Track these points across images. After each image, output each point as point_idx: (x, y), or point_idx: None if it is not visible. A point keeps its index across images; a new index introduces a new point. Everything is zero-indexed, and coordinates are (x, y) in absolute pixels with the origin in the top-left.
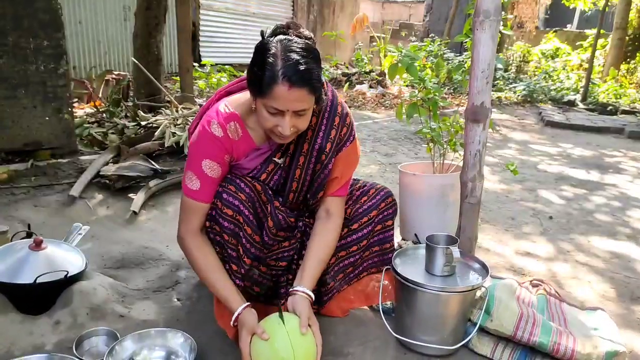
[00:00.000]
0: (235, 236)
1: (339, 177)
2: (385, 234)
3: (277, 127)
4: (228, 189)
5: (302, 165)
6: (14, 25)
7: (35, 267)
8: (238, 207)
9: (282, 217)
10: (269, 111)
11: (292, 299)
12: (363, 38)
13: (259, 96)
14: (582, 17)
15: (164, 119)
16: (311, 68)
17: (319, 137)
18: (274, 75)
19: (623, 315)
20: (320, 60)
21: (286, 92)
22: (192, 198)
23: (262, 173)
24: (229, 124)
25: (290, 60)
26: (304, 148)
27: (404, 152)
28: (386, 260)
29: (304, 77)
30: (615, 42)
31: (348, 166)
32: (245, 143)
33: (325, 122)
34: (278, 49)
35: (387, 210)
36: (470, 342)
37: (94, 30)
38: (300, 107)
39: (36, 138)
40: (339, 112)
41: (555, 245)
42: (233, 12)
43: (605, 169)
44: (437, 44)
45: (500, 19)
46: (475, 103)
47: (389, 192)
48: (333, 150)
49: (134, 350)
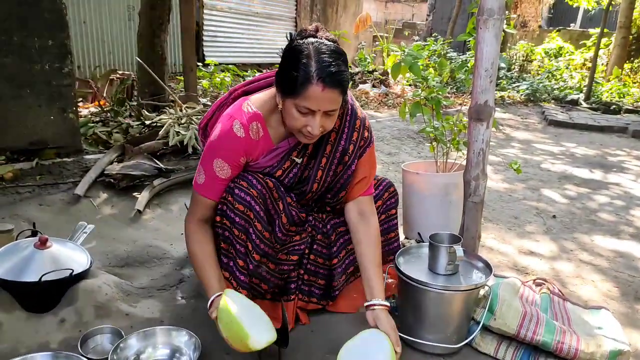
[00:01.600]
0: (245, 232)
1: (367, 176)
2: (390, 223)
3: (306, 127)
4: (240, 185)
5: (324, 167)
6: (19, 25)
7: (40, 266)
8: (249, 203)
9: (295, 212)
10: (300, 111)
11: (372, 314)
12: (366, 37)
13: (291, 96)
14: (585, 16)
15: (168, 118)
16: (342, 70)
17: (342, 139)
18: (308, 76)
19: (627, 314)
20: (347, 63)
21: (320, 92)
22: (196, 191)
23: (278, 169)
24: (252, 124)
25: (324, 62)
26: (327, 150)
27: (407, 151)
28: (391, 250)
29: (336, 78)
30: (619, 41)
31: (371, 166)
32: (264, 142)
33: (347, 125)
34: (311, 50)
35: (389, 200)
36: (473, 340)
37: (98, 30)
38: (331, 107)
39: (41, 137)
40: (359, 116)
41: (559, 244)
42: (236, 11)
43: (608, 168)
44: (440, 43)
45: (503, 18)
46: (479, 102)
47: (390, 182)
48: (355, 152)
49: (139, 348)
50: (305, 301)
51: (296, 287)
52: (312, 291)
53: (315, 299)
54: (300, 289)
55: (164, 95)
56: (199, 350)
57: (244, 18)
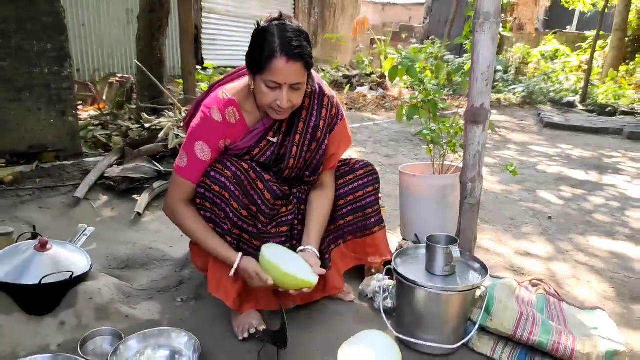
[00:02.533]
0: (222, 210)
1: (335, 153)
2: (367, 199)
3: (275, 101)
4: (215, 167)
5: (298, 143)
6: (17, 28)
7: (40, 268)
8: (224, 184)
9: (276, 187)
10: (268, 85)
11: (302, 254)
12: (364, 40)
13: (258, 72)
14: (581, 19)
15: (168, 121)
16: (305, 45)
17: (313, 115)
18: (273, 50)
19: (622, 315)
20: (310, 42)
21: (284, 65)
22: (178, 173)
23: (255, 148)
24: (228, 109)
25: (287, 38)
26: (299, 127)
27: (404, 154)
28: (370, 224)
29: (299, 52)
30: (615, 43)
31: (340, 142)
32: (241, 126)
33: (316, 102)
34: (274, 29)
35: (366, 177)
36: (470, 341)
37: (97, 33)
38: (296, 79)
39: (41, 140)
40: (326, 93)
41: (555, 245)
42: (235, 15)
43: (604, 170)
44: (437, 46)
45: (500, 21)
46: (475, 105)
47: (369, 162)
48: (326, 128)
49: (139, 349)
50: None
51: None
52: None
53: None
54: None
55: (163, 98)
56: (198, 352)
57: (243, 21)
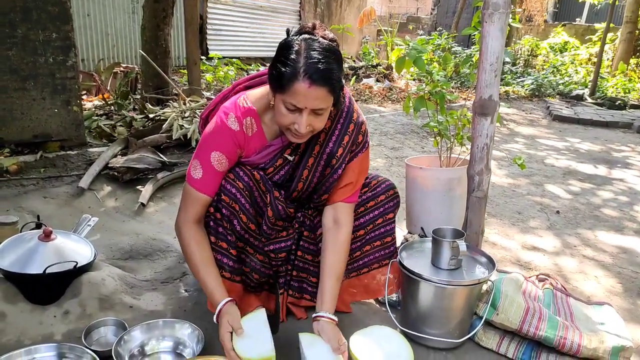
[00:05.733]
0: (229, 222)
1: (353, 182)
2: (386, 227)
3: (293, 124)
4: (227, 177)
5: (310, 167)
6: (23, 18)
7: (44, 258)
8: (235, 195)
9: (282, 207)
10: (288, 107)
11: (317, 325)
12: (370, 31)
13: (279, 92)
14: (591, 11)
15: (172, 112)
16: (332, 68)
17: (331, 141)
18: (295, 72)
19: (630, 310)
20: (342, 62)
21: (306, 89)
22: (193, 187)
23: (270, 167)
24: (246, 119)
25: (312, 59)
26: (315, 150)
27: (411, 146)
28: (387, 254)
29: (324, 76)
30: (625, 36)
31: (360, 173)
32: (257, 139)
33: (339, 127)
34: (301, 47)
35: (388, 203)
36: (476, 335)
37: (102, 22)
38: (318, 105)
39: (45, 130)
40: (354, 120)
41: (562, 239)
42: (240, 5)
43: (613, 164)
44: (444, 37)
45: (509, 12)
46: (483, 96)
47: (392, 184)
48: (345, 156)
49: (142, 340)
50: (296, 297)
51: (285, 282)
52: (304, 287)
53: (308, 296)
54: (290, 285)
55: (168, 88)
56: (201, 343)
57: (248, 11)
